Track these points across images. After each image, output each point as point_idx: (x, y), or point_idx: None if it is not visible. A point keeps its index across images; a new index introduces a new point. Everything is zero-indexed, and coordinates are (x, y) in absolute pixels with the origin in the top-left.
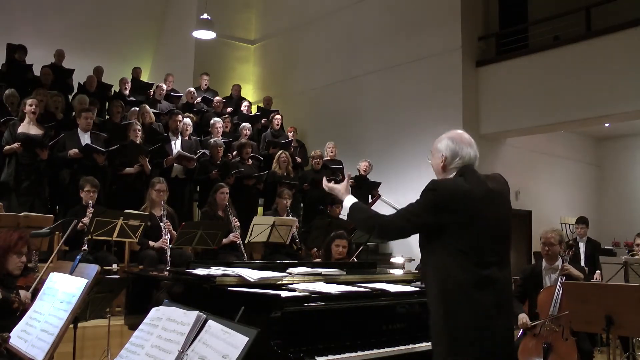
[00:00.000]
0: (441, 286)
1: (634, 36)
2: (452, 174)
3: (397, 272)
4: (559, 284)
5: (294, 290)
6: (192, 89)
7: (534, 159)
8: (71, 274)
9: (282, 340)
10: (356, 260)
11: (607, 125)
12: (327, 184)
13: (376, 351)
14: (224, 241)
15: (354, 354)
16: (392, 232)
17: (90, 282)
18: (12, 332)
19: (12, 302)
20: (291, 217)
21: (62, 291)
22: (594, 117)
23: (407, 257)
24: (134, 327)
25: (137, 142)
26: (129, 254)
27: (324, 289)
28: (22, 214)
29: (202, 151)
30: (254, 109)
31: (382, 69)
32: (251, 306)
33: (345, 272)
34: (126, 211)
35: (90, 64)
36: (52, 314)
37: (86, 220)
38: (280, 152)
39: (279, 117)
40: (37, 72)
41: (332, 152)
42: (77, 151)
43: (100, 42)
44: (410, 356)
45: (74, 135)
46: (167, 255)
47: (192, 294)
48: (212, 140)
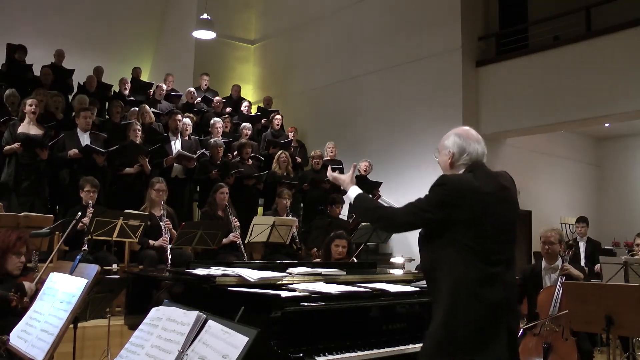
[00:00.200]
0: (446, 282)
1: (634, 36)
2: (460, 170)
3: (397, 272)
4: (559, 284)
5: (294, 290)
6: (192, 89)
7: (534, 159)
8: (71, 274)
9: (282, 340)
10: (356, 260)
11: (607, 125)
12: (332, 174)
13: (376, 351)
14: (224, 241)
15: (354, 354)
16: (398, 225)
17: (90, 282)
18: (12, 332)
19: (11, 300)
20: (291, 217)
21: (62, 291)
22: (594, 117)
23: (407, 257)
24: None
25: (137, 142)
26: (129, 254)
27: (324, 289)
28: (22, 214)
29: (202, 151)
30: (254, 109)
31: (382, 69)
32: (251, 306)
33: (345, 272)
34: (126, 211)
35: (90, 64)
36: (52, 314)
37: (86, 220)
38: (280, 152)
39: (279, 117)
40: (37, 72)
41: (332, 152)
42: (76, 151)
43: (100, 42)
44: (410, 356)
45: (74, 135)
46: (168, 253)
47: (192, 294)
48: (212, 140)
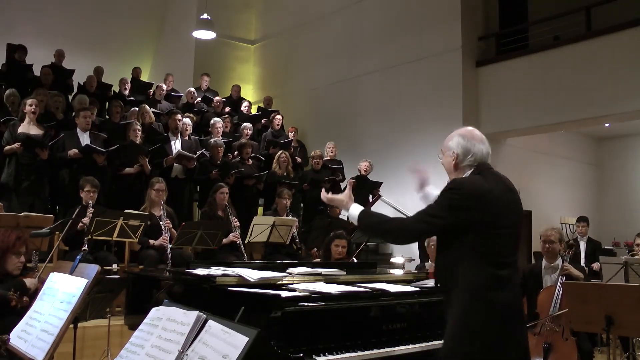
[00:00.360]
0: (459, 289)
1: (634, 36)
2: (465, 171)
3: (397, 272)
4: (559, 283)
5: (294, 290)
6: (192, 89)
7: (534, 159)
8: (71, 274)
9: (282, 340)
10: (356, 260)
11: (607, 125)
12: (326, 195)
13: (376, 351)
14: (224, 241)
15: (354, 354)
16: (409, 235)
17: (90, 282)
18: (12, 332)
19: (10, 300)
20: (291, 217)
21: (62, 291)
22: (594, 117)
23: (407, 257)
24: (134, 327)
25: (137, 142)
26: (129, 254)
27: (324, 289)
28: (22, 214)
29: (202, 151)
30: (254, 109)
31: (382, 69)
32: (251, 306)
33: (345, 272)
34: (126, 211)
35: (90, 64)
36: (52, 314)
37: (86, 220)
38: (280, 152)
39: (279, 117)
40: (37, 72)
41: (332, 152)
42: (77, 151)
43: (100, 42)
44: (410, 356)
45: (73, 135)
46: (168, 252)
47: (192, 294)
48: (212, 140)
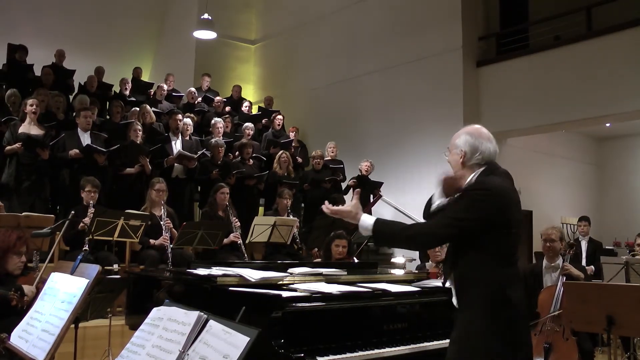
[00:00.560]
0: (480, 287)
1: (635, 36)
2: (473, 170)
3: (398, 272)
4: (559, 283)
5: (295, 290)
6: (192, 89)
7: (534, 159)
8: (72, 274)
9: (283, 340)
10: (357, 260)
11: (607, 125)
12: (331, 208)
13: (377, 351)
14: (225, 241)
15: (355, 354)
16: (437, 241)
17: (91, 282)
18: (13, 332)
19: (11, 299)
20: (292, 217)
21: (63, 291)
22: (594, 117)
23: (408, 257)
24: (135, 327)
25: (138, 142)
26: (129, 254)
27: (325, 289)
28: (23, 214)
29: (203, 151)
30: (255, 109)
31: (382, 69)
32: (252, 306)
33: (346, 272)
34: (127, 211)
35: (90, 64)
36: (53, 314)
37: (87, 220)
38: (280, 152)
39: (280, 117)
40: (37, 72)
41: (332, 152)
42: (77, 151)
43: (100, 42)
44: (411, 356)
45: (74, 135)
46: (168, 252)
47: (193, 294)
48: (213, 140)
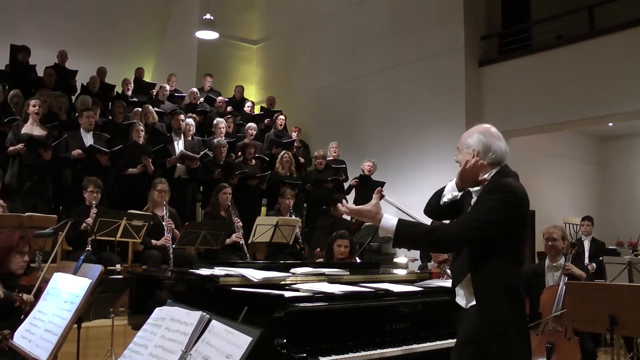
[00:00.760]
0: (498, 287)
1: (637, 35)
2: (486, 170)
3: (401, 272)
4: (562, 283)
5: (297, 290)
6: (195, 89)
7: (537, 159)
8: (75, 274)
9: (285, 340)
10: (359, 260)
11: (610, 124)
12: (347, 206)
13: (379, 351)
14: (227, 241)
15: (357, 354)
16: (464, 243)
17: (93, 282)
18: (16, 332)
19: (14, 300)
20: (294, 217)
21: (65, 291)
22: (597, 116)
23: (410, 257)
24: (137, 327)
25: (140, 142)
26: (132, 254)
27: (327, 289)
28: (26, 214)
29: (205, 151)
30: (257, 109)
31: (385, 68)
32: (254, 306)
33: (348, 272)
34: (129, 211)
35: (93, 65)
36: (56, 314)
37: (90, 220)
38: (283, 152)
39: (282, 117)
40: (40, 72)
41: (335, 152)
42: (80, 152)
43: (103, 42)
44: (413, 356)
45: (77, 135)
46: (170, 253)
47: (196, 294)
48: (215, 140)
